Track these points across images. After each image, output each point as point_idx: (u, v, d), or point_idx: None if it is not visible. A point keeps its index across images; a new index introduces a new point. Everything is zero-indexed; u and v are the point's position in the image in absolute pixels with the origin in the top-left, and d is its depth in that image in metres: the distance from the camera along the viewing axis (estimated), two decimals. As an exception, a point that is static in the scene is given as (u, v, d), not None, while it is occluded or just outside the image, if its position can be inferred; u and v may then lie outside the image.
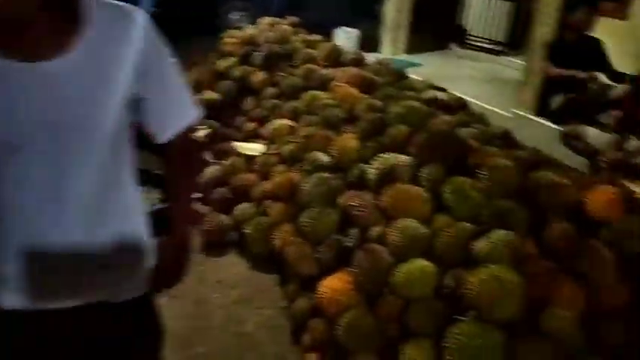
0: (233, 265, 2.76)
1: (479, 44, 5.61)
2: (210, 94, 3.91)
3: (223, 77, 4.06)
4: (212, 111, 3.92)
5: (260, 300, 2.49)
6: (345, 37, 5.92)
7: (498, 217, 1.90)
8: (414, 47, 5.63)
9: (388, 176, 2.23)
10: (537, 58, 3.67)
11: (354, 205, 2.33)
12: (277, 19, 4.28)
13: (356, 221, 2.35)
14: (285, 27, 4.09)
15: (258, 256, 2.72)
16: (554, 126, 3.72)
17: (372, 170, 2.31)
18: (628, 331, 1.84)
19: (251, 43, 4.02)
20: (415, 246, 1.95)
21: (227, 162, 3.27)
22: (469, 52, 5.68)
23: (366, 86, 3.07)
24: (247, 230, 2.75)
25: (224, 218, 2.92)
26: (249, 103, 3.85)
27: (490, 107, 4.17)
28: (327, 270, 2.31)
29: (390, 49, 5.75)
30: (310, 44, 3.90)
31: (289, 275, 2.51)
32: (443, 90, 3.64)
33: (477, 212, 1.99)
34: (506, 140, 3.01)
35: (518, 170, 2.09)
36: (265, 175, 3.03)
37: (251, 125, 3.74)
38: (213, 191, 3.20)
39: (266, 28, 4.13)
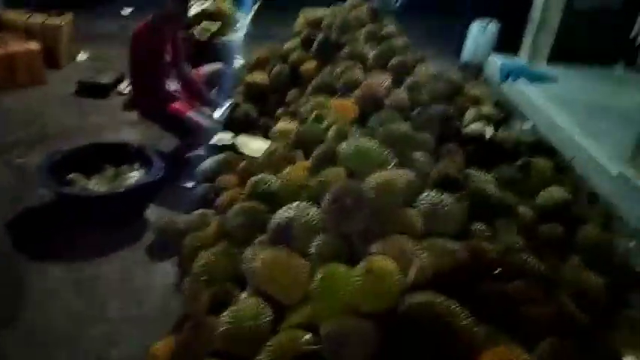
0: (160, 275, 2.43)
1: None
2: (257, 76, 3.55)
3: (283, 60, 3.65)
4: (257, 95, 3.58)
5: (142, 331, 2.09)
6: (478, 32, 4.91)
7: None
8: (562, 56, 4.38)
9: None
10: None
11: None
12: (360, 2, 3.65)
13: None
14: (358, 13, 3.46)
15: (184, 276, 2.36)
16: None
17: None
18: None
19: (316, 26, 3.51)
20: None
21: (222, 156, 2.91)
22: (638, 76, 4.20)
23: (373, 107, 2.37)
24: (185, 242, 2.40)
25: (181, 221, 2.60)
26: (292, 93, 3.39)
27: (597, 158, 2.93)
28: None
29: (528, 53, 4.58)
30: (375, 38, 3.23)
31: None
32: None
33: None
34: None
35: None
36: (244, 182, 2.61)
37: (286, 119, 3.31)
38: (200, 185, 2.90)
39: (338, 12, 3.55)
